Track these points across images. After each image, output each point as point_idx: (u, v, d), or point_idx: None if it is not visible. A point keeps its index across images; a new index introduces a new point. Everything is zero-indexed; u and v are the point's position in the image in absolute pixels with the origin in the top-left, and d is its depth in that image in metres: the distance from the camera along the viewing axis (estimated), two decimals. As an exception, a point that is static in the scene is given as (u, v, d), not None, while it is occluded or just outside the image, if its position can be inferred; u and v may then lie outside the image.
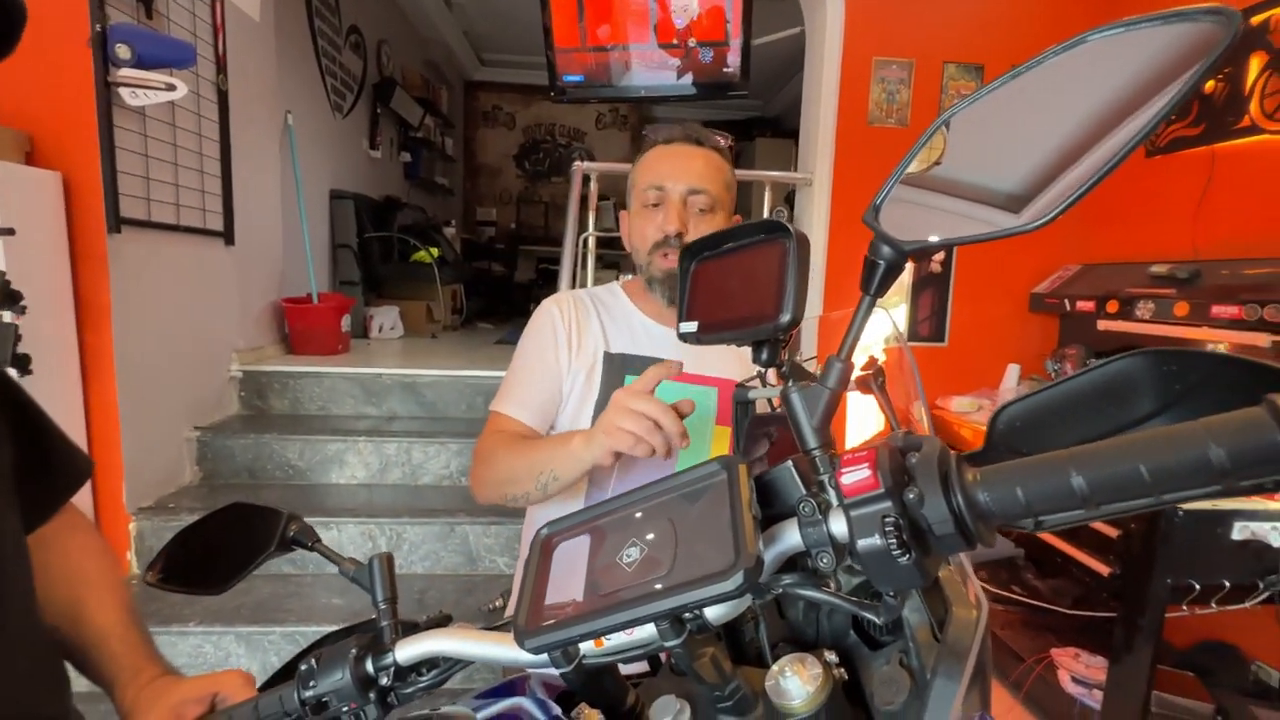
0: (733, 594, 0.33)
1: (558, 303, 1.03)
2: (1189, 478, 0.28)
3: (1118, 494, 0.29)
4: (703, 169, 0.99)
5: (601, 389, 0.97)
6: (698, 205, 0.98)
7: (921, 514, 0.33)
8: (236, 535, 0.58)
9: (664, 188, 0.98)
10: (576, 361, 0.99)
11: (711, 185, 0.98)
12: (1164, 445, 0.28)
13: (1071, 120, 0.37)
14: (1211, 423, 0.28)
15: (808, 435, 0.40)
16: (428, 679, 0.48)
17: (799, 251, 0.54)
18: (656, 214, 0.99)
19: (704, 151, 1.00)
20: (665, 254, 0.98)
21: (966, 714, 0.45)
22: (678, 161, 0.99)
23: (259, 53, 2.65)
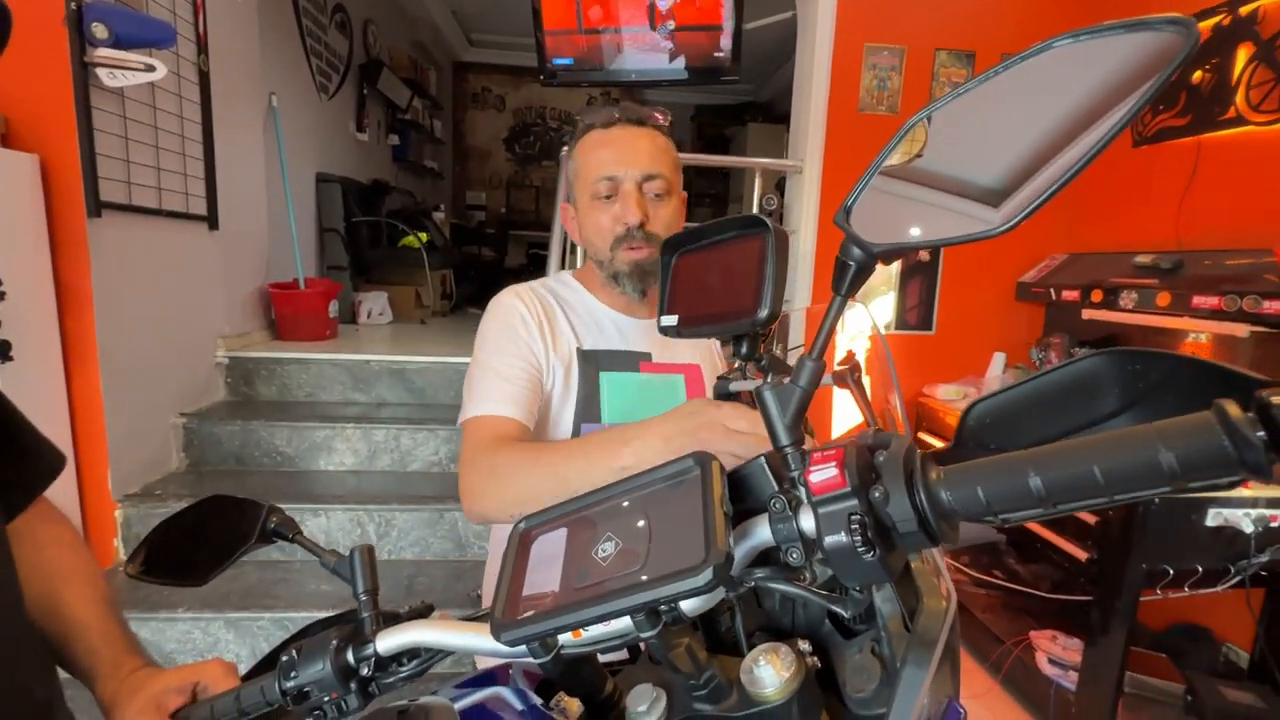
0: (702, 589, 0.34)
1: (518, 295, 0.95)
2: (1140, 480, 0.29)
3: (1073, 494, 0.31)
4: (652, 151, 0.93)
5: (580, 387, 0.93)
6: (653, 191, 0.93)
7: (886, 512, 0.34)
8: (217, 527, 0.58)
9: (615, 177, 0.91)
10: (554, 357, 0.92)
11: (663, 168, 0.93)
12: (1117, 448, 0.30)
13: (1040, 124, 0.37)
14: (1164, 427, 0.29)
15: (780, 433, 0.41)
16: (408, 669, 0.49)
17: (778, 247, 0.55)
18: (611, 206, 0.93)
19: (648, 132, 0.94)
20: (630, 247, 0.93)
21: (935, 700, 0.47)
22: (624, 147, 0.92)
23: (241, 32, 2.59)
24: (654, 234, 0.93)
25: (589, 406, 0.93)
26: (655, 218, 0.93)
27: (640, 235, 0.92)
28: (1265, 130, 1.86)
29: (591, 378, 0.94)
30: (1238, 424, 0.26)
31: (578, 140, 0.97)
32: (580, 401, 0.93)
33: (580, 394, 0.93)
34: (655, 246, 0.92)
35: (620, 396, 0.95)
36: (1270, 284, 1.66)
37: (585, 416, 0.93)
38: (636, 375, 0.97)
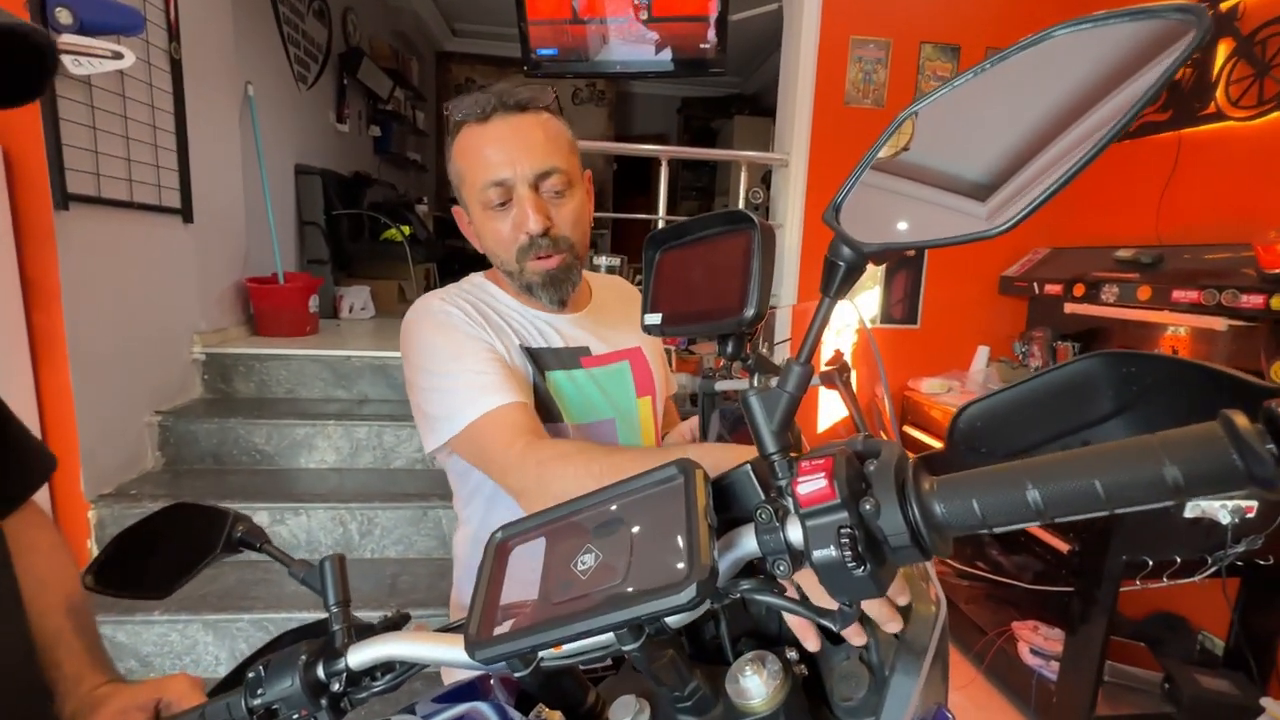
0: (685, 606, 0.33)
1: (443, 297, 0.87)
2: (1142, 494, 0.28)
3: (1071, 508, 0.30)
4: (543, 142, 0.81)
5: (537, 390, 0.86)
6: (551, 189, 0.82)
7: (878, 525, 0.33)
8: (181, 536, 0.56)
9: (505, 181, 0.80)
10: (505, 355, 0.84)
11: (558, 160, 0.81)
12: (1119, 461, 0.28)
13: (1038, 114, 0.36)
14: (1168, 438, 0.28)
15: (766, 440, 0.40)
16: (382, 684, 0.47)
17: (764, 243, 0.53)
18: (508, 213, 0.82)
19: (531, 119, 0.81)
20: (538, 256, 0.83)
21: (924, 706, 0.46)
22: (510, 143, 0.80)
23: (215, 19, 2.52)
24: (562, 236, 0.84)
25: (547, 409, 0.85)
26: (560, 219, 0.84)
27: (546, 243, 0.83)
28: (1245, 126, 1.88)
29: (541, 378, 0.87)
30: (1247, 437, 0.25)
31: (454, 139, 0.84)
32: (540, 404, 0.84)
33: (539, 396, 0.85)
34: (566, 250, 0.85)
35: (575, 394, 0.89)
36: (1248, 278, 1.68)
37: (546, 418, 0.84)
38: (580, 371, 0.90)
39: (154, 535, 0.56)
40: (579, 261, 0.89)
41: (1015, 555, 2.27)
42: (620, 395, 0.93)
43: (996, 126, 0.38)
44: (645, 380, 0.98)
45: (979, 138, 0.39)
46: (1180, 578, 1.55)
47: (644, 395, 0.97)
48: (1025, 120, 0.36)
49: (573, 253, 0.86)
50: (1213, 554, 1.51)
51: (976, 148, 0.39)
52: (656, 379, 1.00)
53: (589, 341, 0.93)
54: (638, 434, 0.95)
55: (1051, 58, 0.36)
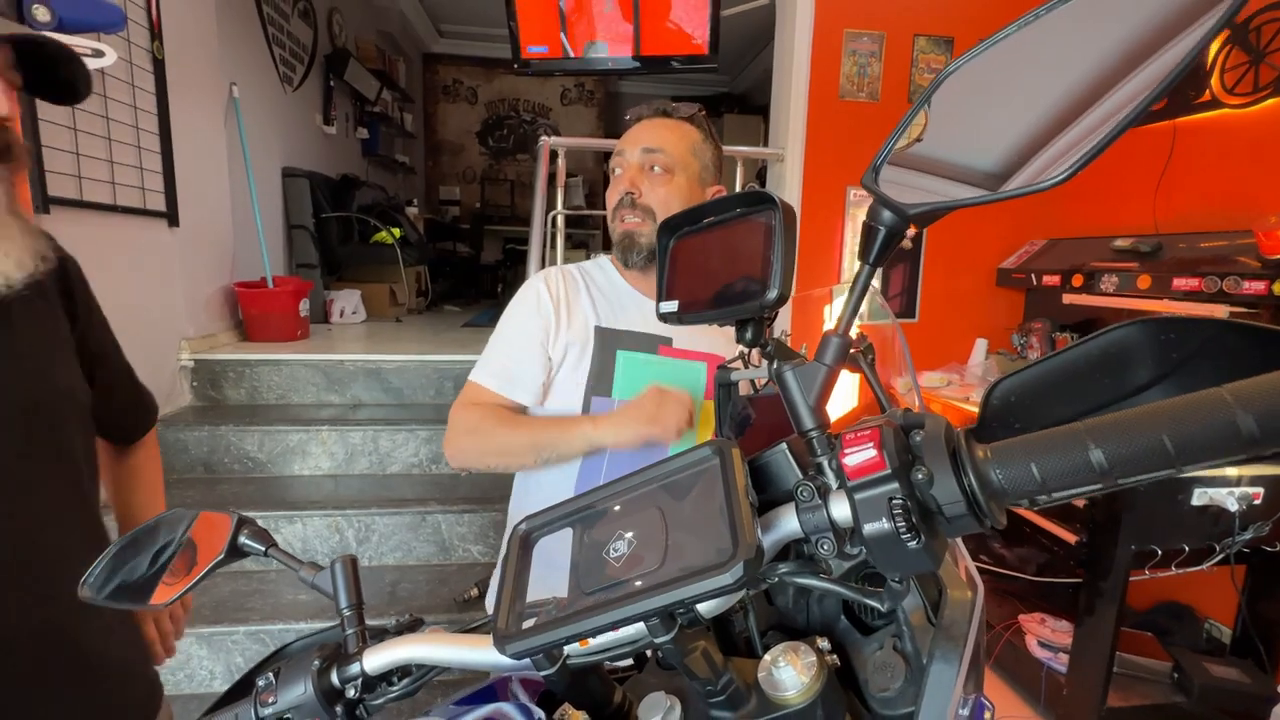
0: (733, 587, 0.31)
1: (546, 278, 1.03)
2: (1215, 447, 0.26)
3: (1139, 466, 0.28)
4: (661, 132, 0.99)
5: (593, 362, 0.98)
6: (652, 164, 0.98)
7: (931, 495, 0.31)
8: (183, 542, 0.53)
9: (623, 153, 1.00)
10: (567, 334, 0.98)
11: (667, 145, 0.98)
12: (1187, 414, 0.27)
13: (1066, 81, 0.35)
14: (1238, 389, 0.26)
15: (804, 416, 0.38)
16: (399, 688, 0.45)
17: (785, 223, 0.51)
18: (619, 183, 1.00)
19: (667, 120, 1.01)
20: (621, 217, 0.99)
21: (963, 697, 0.44)
22: (639, 130, 1.01)
23: (198, 18, 2.48)
24: (646, 206, 0.97)
25: (600, 381, 0.98)
26: (650, 191, 0.98)
27: (628, 203, 0.97)
28: (1240, 113, 1.89)
29: (608, 354, 0.98)
30: None
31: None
32: (592, 376, 0.97)
33: (593, 369, 0.97)
34: (646, 218, 0.98)
35: (634, 375, 0.98)
36: (1249, 265, 1.69)
37: (596, 390, 0.97)
38: (653, 357, 1.00)
39: (155, 542, 0.53)
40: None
41: (1019, 547, 2.27)
42: (688, 389, 0.99)
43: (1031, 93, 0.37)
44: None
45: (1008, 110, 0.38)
46: (1188, 566, 1.54)
47: (712, 399, 1.01)
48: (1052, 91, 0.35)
49: (654, 225, 0.98)
50: (1220, 541, 1.50)
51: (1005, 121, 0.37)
52: None
53: (675, 333, 1.02)
54: (695, 430, 1.00)
55: (1077, 20, 0.35)
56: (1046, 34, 0.37)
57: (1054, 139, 0.37)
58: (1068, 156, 0.33)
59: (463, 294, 5.70)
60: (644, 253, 0.99)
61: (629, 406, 0.89)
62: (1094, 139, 0.31)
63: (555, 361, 0.98)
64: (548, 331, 0.98)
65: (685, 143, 1.00)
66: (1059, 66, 0.37)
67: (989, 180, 0.37)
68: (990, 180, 0.37)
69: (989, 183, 0.37)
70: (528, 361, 0.97)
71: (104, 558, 0.52)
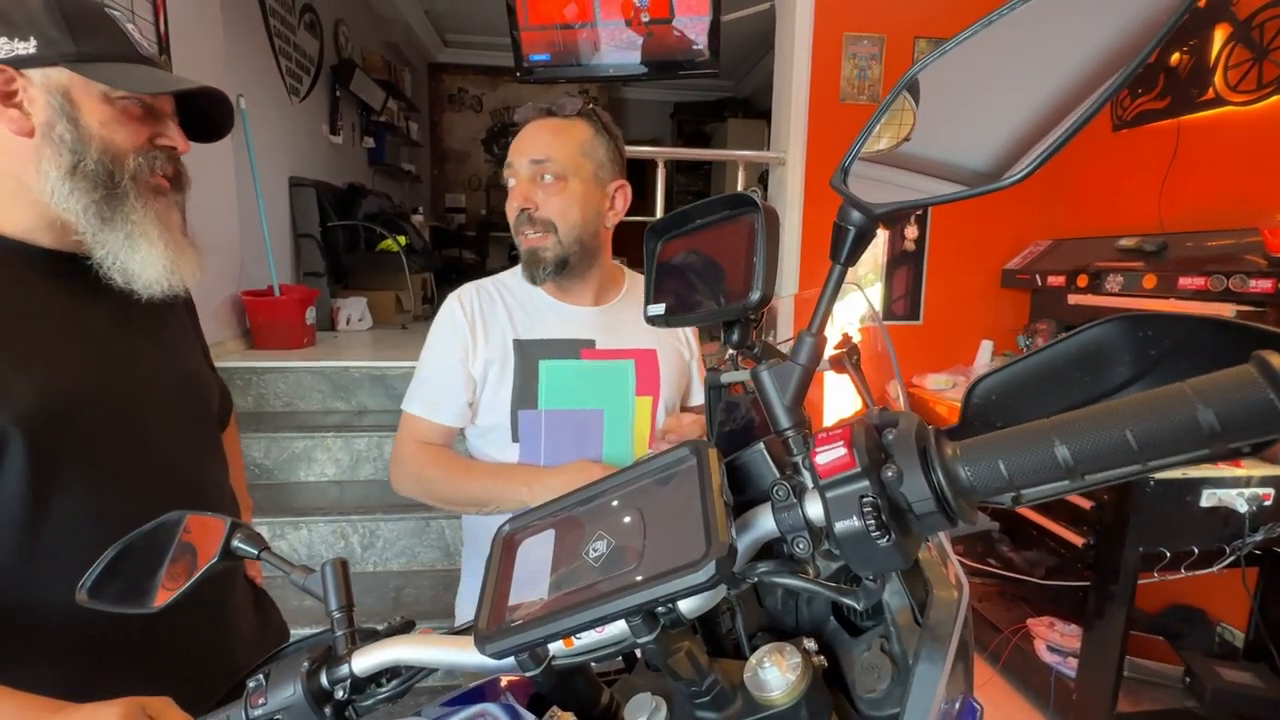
0: (705, 585, 0.31)
1: (460, 297, 1.02)
2: (1177, 442, 0.27)
3: (1103, 462, 0.28)
4: (547, 138, 0.95)
5: (516, 375, 0.98)
6: (542, 174, 0.94)
7: (900, 492, 0.32)
8: (179, 546, 0.54)
9: (512, 165, 0.96)
10: (485, 352, 0.98)
11: (554, 152, 0.94)
12: (1150, 410, 0.27)
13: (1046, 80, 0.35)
14: (1199, 384, 0.27)
15: (780, 415, 0.38)
16: (388, 690, 0.45)
17: (768, 226, 0.52)
18: (512, 197, 0.97)
19: (553, 121, 0.96)
20: (522, 234, 0.96)
21: (949, 697, 0.44)
22: (523, 138, 0.97)
23: (205, 32, 2.52)
24: (544, 219, 0.94)
25: (525, 394, 0.98)
26: (545, 203, 0.94)
27: (525, 220, 0.95)
28: (1245, 110, 1.87)
29: (530, 366, 0.98)
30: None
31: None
32: (516, 390, 0.98)
33: (517, 382, 0.98)
34: (546, 231, 0.95)
35: (558, 383, 0.99)
36: (1255, 263, 1.67)
37: (522, 404, 0.98)
38: (576, 362, 1.00)
39: (151, 546, 0.54)
40: (564, 247, 0.96)
41: (1027, 551, 2.25)
42: (616, 390, 1.01)
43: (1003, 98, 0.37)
44: (649, 381, 1.03)
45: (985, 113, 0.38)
46: (1198, 569, 1.52)
47: (644, 394, 1.02)
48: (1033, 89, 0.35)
49: (555, 236, 0.95)
50: (1230, 543, 1.48)
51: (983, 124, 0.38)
52: (665, 381, 1.04)
53: (596, 335, 1.01)
54: (629, 428, 1.02)
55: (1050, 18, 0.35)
56: (1018, 32, 0.37)
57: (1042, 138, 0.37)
58: (1025, 159, 0.33)
59: (469, 301, 5.72)
60: (550, 267, 0.97)
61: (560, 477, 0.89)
62: (1051, 139, 0.31)
63: (478, 380, 0.98)
64: (466, 351, 0.98)
65: (573, 144, 0.95)
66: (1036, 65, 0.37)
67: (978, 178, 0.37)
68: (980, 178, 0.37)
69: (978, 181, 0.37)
70: (451, 385, 0.98)
71: (101, 562, 0.53)
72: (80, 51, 0.66)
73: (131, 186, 0.69)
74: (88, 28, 0.67)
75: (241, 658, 0.84)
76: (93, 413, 0.68)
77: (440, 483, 0.95)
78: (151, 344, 0.77)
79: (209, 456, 0.84)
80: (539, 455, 0.99)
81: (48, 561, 0.66)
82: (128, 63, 0.69)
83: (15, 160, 0.66)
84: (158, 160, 0.72)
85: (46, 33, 0.65)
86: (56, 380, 0.65)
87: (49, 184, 0.66)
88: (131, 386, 0.73)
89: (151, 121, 0.71)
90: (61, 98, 0.66)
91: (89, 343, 0.70)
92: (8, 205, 0.67)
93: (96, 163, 0.67)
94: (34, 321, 0.67)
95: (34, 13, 0.65)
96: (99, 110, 0.67)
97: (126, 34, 0.70)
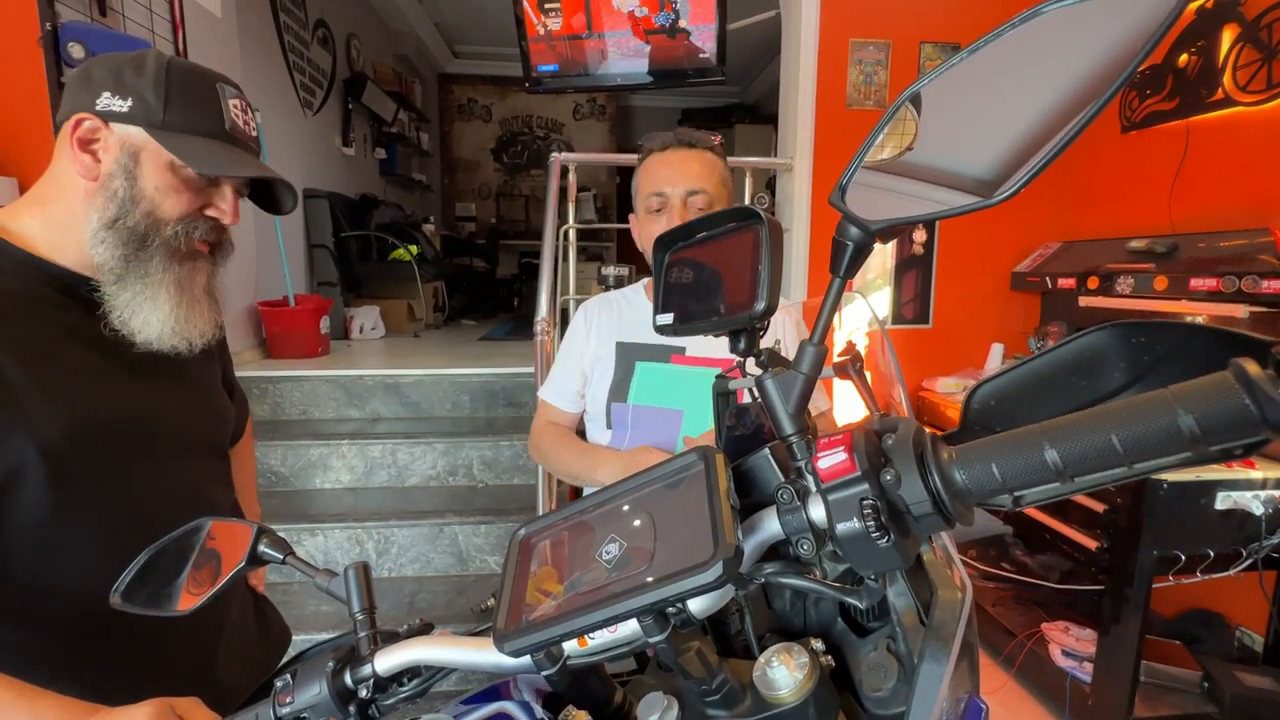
0: (712, 585, 0.33)
1: (586, 308, 1.23)
2: (1160, 446, 0.28)
3: (1091, 465, 0.30)
4: (699, 170, 1.07)
5: (616, 370, 1.15)
6: (697, 205, 1.07)
7: (899, 495, 0.33)
8: (206, 551, 0.56)
9: (664, 193, 1.08)
10: (595, 350, 1.18)
11: (708, 184, 1.07)
12: (1133, 415, 0.28)
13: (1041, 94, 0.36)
14: (1179, 390, 0.28)
15: (784, 422, 0.39)
16: (409, 689, 0.47)
17: (772, 238, 0.53)
18: (660, 219, 1.09)
19: (698, 153, 1.09)
20: None
21: (955, 696, 0.45)
22: (675, 167, 1.08)
23: (222, 50, 2.58)
24: None
25: (619, 388, 1.14)
26: None
27: None
28: (1255, 110, 1.86)
29: (627, 365, 1.14)
30: (1259, 382, 0.25)
31: (641, 162, 1.14)
32: (613, 385, 1.14)
33: (615, 378, 1.14)
34: None
35: (648, 382, 1.13)
36: (1267, 264, 1.66)
37: (615, 396, 1.14)
38: (667, 365, 1.14)
39: (180, 551, 0.56)
40: None
41: (1041, 555, 2.23)
42: (698, 394, 1.12)
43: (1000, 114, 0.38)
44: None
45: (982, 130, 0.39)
46: (1214, 572, 1.51)
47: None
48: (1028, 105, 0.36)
49: None
50: (1247, 546, 1.47)
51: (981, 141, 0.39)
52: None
53: (688, 344, 1.14)
54: (704, 430, 1.11)
55: (1045, 36, 0.36)
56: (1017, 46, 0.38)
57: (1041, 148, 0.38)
58: (1018, 174, 0.34)
59: (479, 308, 5.77)
60: None
61: (622, 460, 1.04)
62: (1043, 154, 0.33)
63: (588, 374, 1.18)
64: (581, 350, 1.19)
65: (717, 175, 1.09)
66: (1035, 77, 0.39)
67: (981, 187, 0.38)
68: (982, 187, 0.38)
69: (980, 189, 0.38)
70: (569, 378, 1.19)
71: (134, 567, 0.55)
72: (166, 120, 0.70)
73: (161, 251, 0.72)
74: (186, 100, 0.71)
75: (244, 659, 0.87)
76: (109, 442, 0.71)
77: (551, 456, 1.16)
78: (174, 379, 0.80)
79: (216, 483, 0.88)
80: (624, 442, 1.13)
81: (60, 577, 0.68)
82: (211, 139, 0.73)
83: (78, 200, 0.70)
84: (200, 229, 0.75)
85: (144, 96, 0.69)
86: (80, 410, 0.68)
87: (90, 229, 0.70)
88: (148, 419, 0.76)
89: (210, 191, 0.76)
90: (130, 156, 0.70)
91: (116, 374, 0.73)
92: (67, 237, 0.71)
93: (137, 222, 0.70)
94: (67, 350, 0.69)
95: (144, 77, 0.70)
96: (159, 176, 0.71)
97: (224, 112, 0.74)
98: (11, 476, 0.63)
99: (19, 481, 0.64)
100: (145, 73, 0.70)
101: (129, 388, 0.74)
